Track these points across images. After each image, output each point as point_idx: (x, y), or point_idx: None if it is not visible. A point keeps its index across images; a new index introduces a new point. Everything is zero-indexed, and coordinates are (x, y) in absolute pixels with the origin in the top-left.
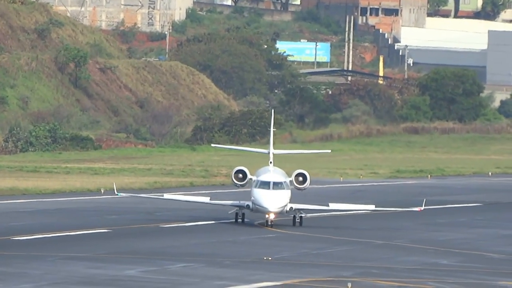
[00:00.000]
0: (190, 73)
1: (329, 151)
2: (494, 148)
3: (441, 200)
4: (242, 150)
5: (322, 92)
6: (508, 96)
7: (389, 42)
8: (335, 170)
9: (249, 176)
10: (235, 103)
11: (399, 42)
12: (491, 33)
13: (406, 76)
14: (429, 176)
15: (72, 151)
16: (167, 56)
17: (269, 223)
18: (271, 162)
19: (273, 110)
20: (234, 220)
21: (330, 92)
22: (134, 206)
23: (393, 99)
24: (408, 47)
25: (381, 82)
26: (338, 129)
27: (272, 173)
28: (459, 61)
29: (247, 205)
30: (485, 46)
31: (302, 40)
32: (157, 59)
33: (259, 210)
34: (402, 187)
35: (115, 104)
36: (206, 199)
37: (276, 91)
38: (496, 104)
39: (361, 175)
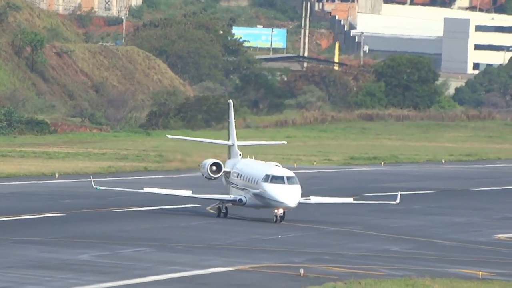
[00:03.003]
0: (146, 58)
1: (285, 142)
2: (447, 136)
3: (394, 187)
4: (202, 141)
5: (277, 78)
6: (463, 84)
7: (345, 29)
8: (288, 156)
9: (224, 169)
10: (190, 88)
11: (355, 28)
12: (446, 21)
13: (361, 63)
14: (382, 163)
15: (27, 135)
16: (123, 40)
17: (279, 218)
18: (240, 155)
19: (231, 102)
20: (217, 215)
21: (285, 79)
22: (88, 191)
23: (348, 86)
24: (364, 34)
25: (336, 68)
26: (293, 115)
27: (279, 168)
28: (415, 48)
29: (240, 199)
30: (440, 34)
31: (258, 26)
32: (114, 44)
33: (273, 205)
34: (356, 174)
35: (71, 89)
36: (188, 193)
37: (231, 76)
38: (451, 91)
39: (315, 161)
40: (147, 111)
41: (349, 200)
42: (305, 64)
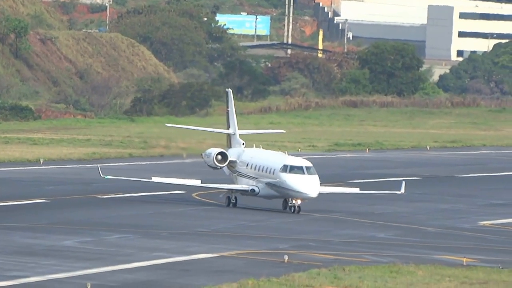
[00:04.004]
0: (130, 45)
1: (283, 131)
2: (432, 122)
3: (379, 174)
4: (201, 130)
5: (261, 65)
6: (447, 71)
7: (329, 16)
8: (273, 143)
9: (230, 158)
10: (174, 75)
11: (339, 16)
12: (430, 8)
13: (345, 50)
14: (367, 149)
15: (11, 121)
16: (107, 27)
17: (297, 209)
18: (243, 144)
19: (230, 91)
20: (226, 204)
21: (269, 65)
22: (72, 177)
23: (332, 73)
24: (348, 21)
25: (320, 55)
26: (277, 102)
27: (295, 157)
28: (399, 35)
29: (252, 189)
30: (424, 21)
31: (242, 13)
32: (98, 31)
33: (293, 196)
34: (340, 160)
35: (55, 75)
36: (197, 182)
37: (216, 63)
38: (435, 78)
39: (300, 148)
40: (132, 97)
41: (356, 190)
42: (289, 51)
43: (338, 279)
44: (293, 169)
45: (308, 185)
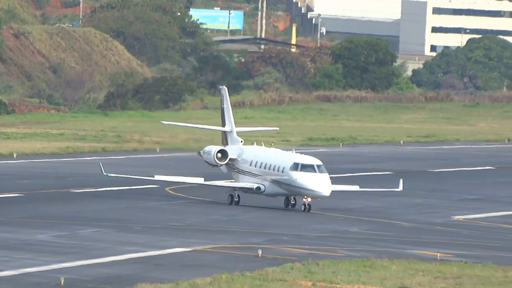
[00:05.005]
0: (104, 40)
1: (277, 128)
2: (406, 117)
3: (352, 168)
4: (197, 127)
5: (235, 60)
6: (421, 66)
7: (302, 11)
8: (246, 137)
9: (230, 156)
10: (148, 70)
11: (312, 11)
12: (404, 3)
13: (318, 45)
14: (340, 144)
15: None
16: (80, 22)
17: (307, 207)
18: (242, 141)
19: (225, 88)
20: (229, 202)
21: (242, 60)
22: (46, 171)
23: (306, 67)
24: (321, 16)
25: (294, 50)
26: (250, 96)
27: (304, 155)
28: (373, 30)
29: (258, 187)
30: (398, 16)
31: (215, 8)
32: (71, 25)
33: (305, 194)
34: (314, 155)
35: (28, 70)
36: (200, 180)
37: (189, 58)
38: (409, 73)
39: (273, 142)
40: (105, 92)
41: (355, 187)
42: (263, 46)
43: (312, 274)
44: (304, 167)
45: (321, 184)
